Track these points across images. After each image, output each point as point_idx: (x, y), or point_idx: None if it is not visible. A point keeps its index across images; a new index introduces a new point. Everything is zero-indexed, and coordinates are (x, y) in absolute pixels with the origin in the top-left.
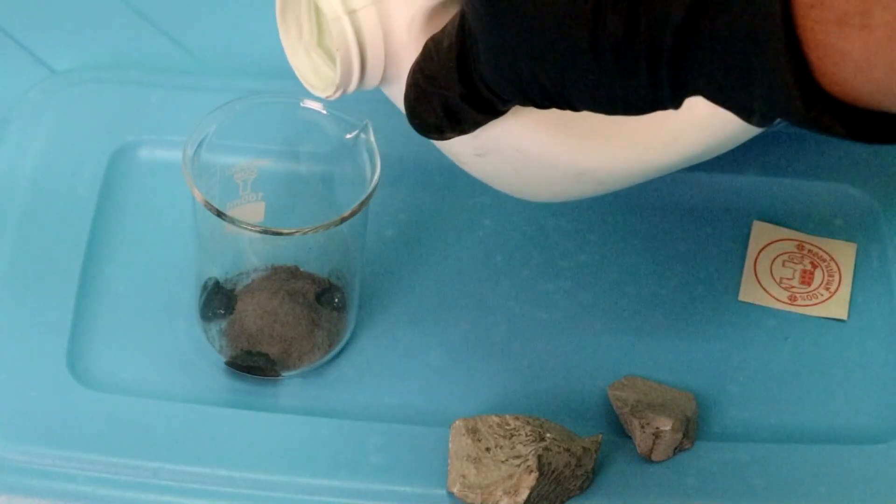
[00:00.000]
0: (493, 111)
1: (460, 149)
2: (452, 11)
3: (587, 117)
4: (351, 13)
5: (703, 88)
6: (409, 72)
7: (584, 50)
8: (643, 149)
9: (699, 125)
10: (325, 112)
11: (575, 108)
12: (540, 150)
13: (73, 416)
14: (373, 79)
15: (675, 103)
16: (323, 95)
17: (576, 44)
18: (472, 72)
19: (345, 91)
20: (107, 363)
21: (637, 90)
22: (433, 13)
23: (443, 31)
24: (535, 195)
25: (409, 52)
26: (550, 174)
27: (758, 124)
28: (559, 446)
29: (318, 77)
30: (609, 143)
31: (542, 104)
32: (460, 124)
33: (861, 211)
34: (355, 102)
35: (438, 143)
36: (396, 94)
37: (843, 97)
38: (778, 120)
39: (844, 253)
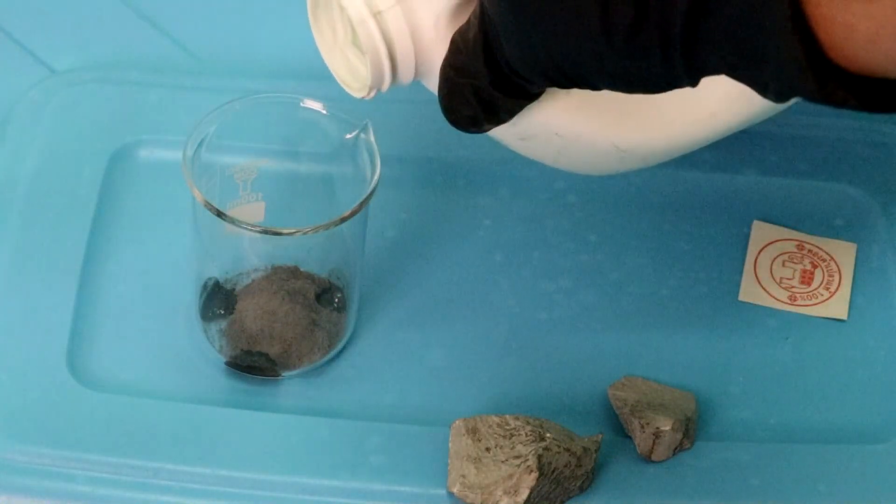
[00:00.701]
0: (525, 95)
1: (503, 134)
2: (476, 2)
3: (623, 97)
4: (377, 15)
5: (717, 68)
6: (441, 68)
7: (596, 36)
8: (682, 124)
9: (737, 96)
10: (325, 112)
11: (596, 88)
12: (580, 133)
13: (73, 416)
14: (406, 76)
15: (692, 82)
16: (359, 96)
17: (588, 31)
18: (497, 58)
19: (380, 90)
20: (107, 363)
21: (652, 71)
22: (458, 7)
23: (467, 22)
24: (580, 170)
25: (438, 48)
26: (593, 154)
27: (774, 100)
28: (559, 446)
29: (354, 77)
30: (648, 122)
31: (565, 85)
32: (496, 113)
33: (861, 211)
34: (355, 102)
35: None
36: (434, 85)
37: (855, 69)
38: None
39: (844, 253)
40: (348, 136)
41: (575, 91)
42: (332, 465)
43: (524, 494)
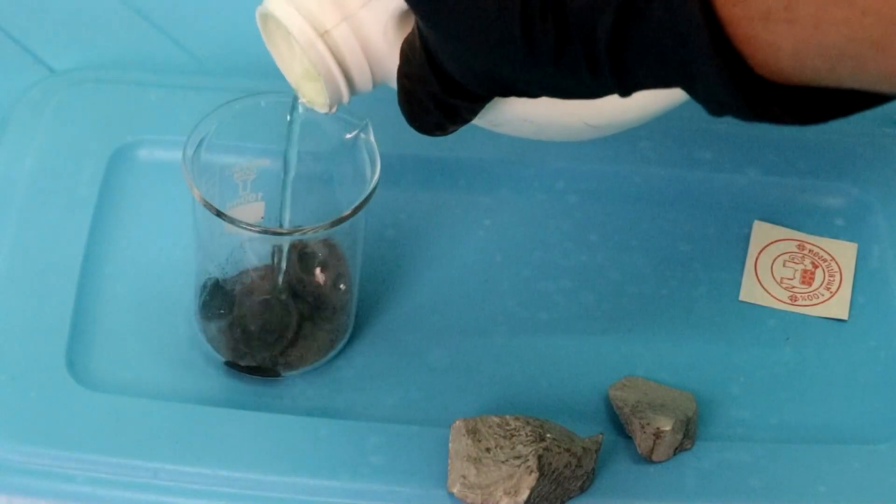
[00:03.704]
0: (480, 97)
1: (476, 122)
2: None
3: None
4: (324, 35)
5: (651, 85)
6: (396, 77)
7: (523, 58)
8: (652, 93)
9: None
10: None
11: (535, 97)
12: (548, 116)
13: (73, 416)
14: (364, 87)
15: (626, 94)
16: (322, 111)
17: (514, 53)
18: (441, 67)
19: (341, 102)
20: (107, 363)
21: (585, 86)
22: (404, 16)
23: (413, 31)
24: (559, 140)
25: (391, 57)
26: (567, 131)
27: (712, 115)
28: (559, 446)
29: (316, 92)
30: (615, 98)
31: (506, 95)
32: (458, 115)
33: (861, 211)
34: (355, 102)
35: None
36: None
37: (787, 83)
38: None
39: (845, 253)
40: (348, 136)
41: None
42: (332, 465)
43: (524, 495)
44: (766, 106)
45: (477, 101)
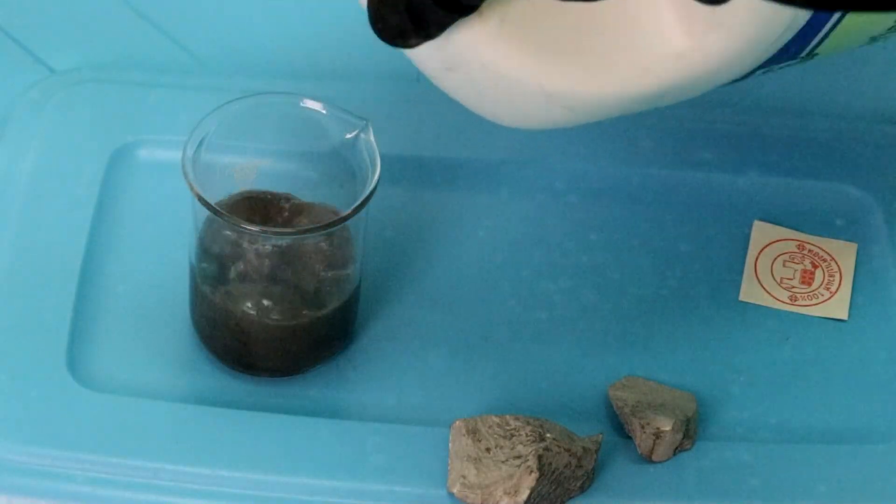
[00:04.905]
0: (456, 7)
1: (430, 62)
2: None
3: (559, 37)
4: None
5: None
6: None
7: None
8: (614, 74)
9: (675, 55)
10: (325, 112)
11: None
12: (506, 66)
13: (73, 416)
14: None
15: None
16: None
17: None
18: None
19: None
20: (107, 363)
21: None
22: None
23: None
24: (506, 118)
25: None
26: (517, 94)
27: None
28: (559, 446)
29: None
30: (578, 65)
31: None
32: (425, 26)
33: (861, 211)
34: (355, 102)
35: (412, 56)
36: None
37: None
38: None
39: (845, 253)
40: (348, 136)
41: (508, 20)
42: (332, 465)
43: (524, 495)
44: None
45: (451, 11)
